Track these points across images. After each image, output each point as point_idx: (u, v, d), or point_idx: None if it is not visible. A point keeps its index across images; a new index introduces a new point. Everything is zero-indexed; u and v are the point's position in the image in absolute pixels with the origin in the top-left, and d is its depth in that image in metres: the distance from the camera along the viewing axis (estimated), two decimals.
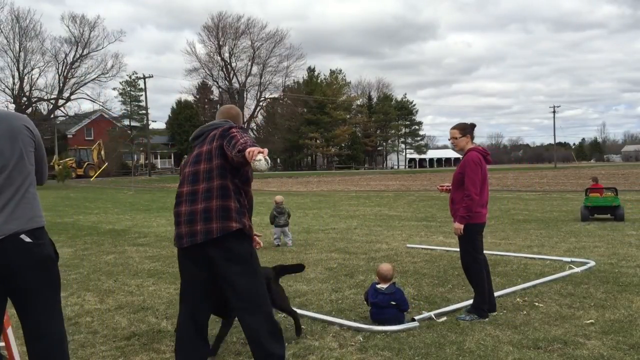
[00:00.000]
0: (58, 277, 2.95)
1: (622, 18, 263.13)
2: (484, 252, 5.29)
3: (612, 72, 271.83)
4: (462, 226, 4.99)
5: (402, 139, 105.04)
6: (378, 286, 4.99)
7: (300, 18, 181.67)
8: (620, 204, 12.57)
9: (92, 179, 49.73)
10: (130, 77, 69.31)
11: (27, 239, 2.75)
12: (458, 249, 8.63)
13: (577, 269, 6.86)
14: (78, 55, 61.33)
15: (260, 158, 2.86)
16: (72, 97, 62.51)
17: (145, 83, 61.36)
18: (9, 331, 3.51)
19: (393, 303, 4.87)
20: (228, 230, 3.34)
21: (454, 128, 5.23)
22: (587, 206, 12.61)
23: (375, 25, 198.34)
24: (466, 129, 5.21)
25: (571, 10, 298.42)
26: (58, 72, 61.41)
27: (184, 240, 3.43)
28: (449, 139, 5.34)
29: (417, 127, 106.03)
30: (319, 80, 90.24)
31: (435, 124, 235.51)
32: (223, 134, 3.41)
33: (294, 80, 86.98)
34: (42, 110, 64.45)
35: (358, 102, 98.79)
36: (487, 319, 4.94)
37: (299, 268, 5.06)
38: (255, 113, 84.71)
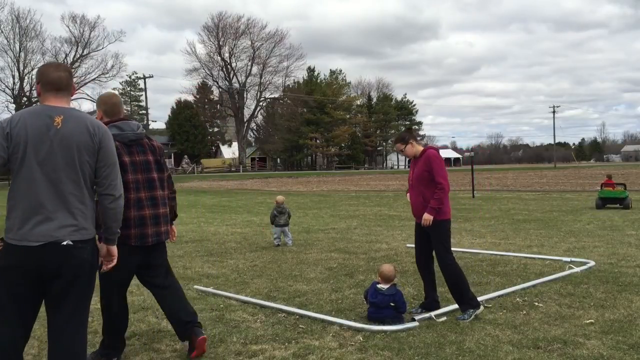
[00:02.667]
0: (91, 285, 3.10)
1: (623, 18, 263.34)
2: (484, 251, 5.29)
3: (612, 72, 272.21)
4: (431, 217, 5.00)
5: None
6: (379, 286, 4.99)
7: (301, 18, 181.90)
8: (628, 195, 15.05)
9: None
10: (130, 77, 69.34)
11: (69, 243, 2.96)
12: (458, 249, 8.67)
13: (576, 269, 6.86)
14: (78, 55, 61.40)
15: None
16: (72, 97, 62.47)
17: (145, 83, 61.43)
18: None
19: (392, 304, 4.87)
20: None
21: (395, 143, 5.42)
22: (601, 197, 15.28)
23: (376, 25, 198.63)
24: (405, 137, 5.27)
25: (572, 10, 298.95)
26: None
27: (149, 239, 4.03)
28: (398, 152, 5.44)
29: (417, 127, 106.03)
30: (319, 80, 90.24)
31: (436, 124, 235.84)
32: (162, 153, 4.28)
33: (294, 80, 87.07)
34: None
35: (358, 102, 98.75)
36: (482, 308, 4.96)
37: None
38: (255, 113, 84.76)
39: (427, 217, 5.01)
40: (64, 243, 2.88)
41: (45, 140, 2.88)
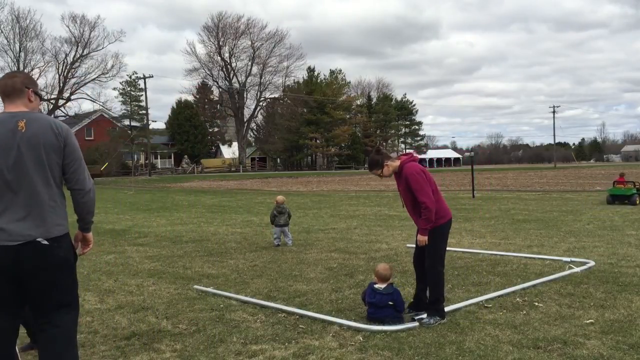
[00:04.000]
0: (73, 282, 3.26)
1: (624, 18, 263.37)
2: (484, 251, 5.29)
3: (613, 72, 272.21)
4: (425, 238, 4.97)
5: (402, 139, 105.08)
6: (376, 286, 4.99)
7: (302, 17, 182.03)
8: (635, 193, 16.09)
9: (102, 169, 49.62)
10: (130, 77, 69.26)
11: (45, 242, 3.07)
12: (458, 249, 8.68)
13: (576, 269, 6.86)
14: (78, 55, 61.34)
15: None
16: (72, 97, 62.39)
17: (145, 83, 61.44)
18: None
19: (390, 303, 4.87)
20: None
21: (370, 170, 5.23)
22: (611, 194, 16.47)
23: (377, 25, 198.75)
24: (378, 161, 5.11)
25: (573, 9, 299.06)
26: (58, 72, 61.43)
27: None
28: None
29: (417, 127, 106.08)
30: (319, 80, 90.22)
31: (436, 124, 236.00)
32: None
33: (294, 80, 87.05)
34: (42, 110, 64.40)
35: (358, 102, 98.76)
36: (445, 320, 4.90)
37: None
38: (255, 113, 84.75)
39: (422, 239, 4.99)
40: (39, 240, 3.04)
41: (13, 145, 3.03)
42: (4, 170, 3.03)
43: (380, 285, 4.98)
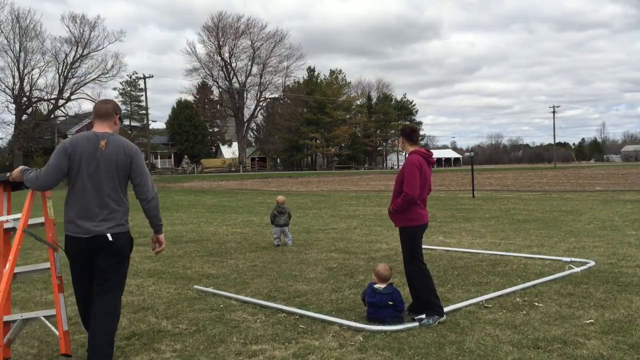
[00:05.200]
0: (125, 265, 4.11)
1: (626, 18, 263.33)
2: (484, 251, 5.28)
3: (614, 71, 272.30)
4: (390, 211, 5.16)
5: None
6: (376, 286, 4.99)
7: (303, 17, 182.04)
8: None
9: None
10: (130, 77, 69.24)
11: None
12: (458, 249, 8.68)
13: (576, 269, 6.86)
14: (78, 55, 61.33)
15: None
16: (72, 97, 62.43)
17: (145, 83, 61.39)
18: (61, 297, 4.14)
19: (390, 303, 4.87)
20: None
21: (401, 129, 5.43)
22: None
23: (378, 24, 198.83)
24: (402, 131, 5.35)
25: (574, 9, 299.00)
26: (58, 72, 61.41)
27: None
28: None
29: (417, 127, 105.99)
30: (319, 80, 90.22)
31: (436, 124, 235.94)
32: None
33: (294, 80, 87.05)
34: (42, 110, 64.46)
35: (358, 102, 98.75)
36: (444, 317, 4.91)
37: None
38: (255, 113, 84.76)
39: (389, 209, 5.20)
40: (109, 235, 3.91)
41: (94, 158, 3.92)
42: (85, 176, 3.91)
43: (380, 286, 4.98)
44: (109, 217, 3.94)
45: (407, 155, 5.23)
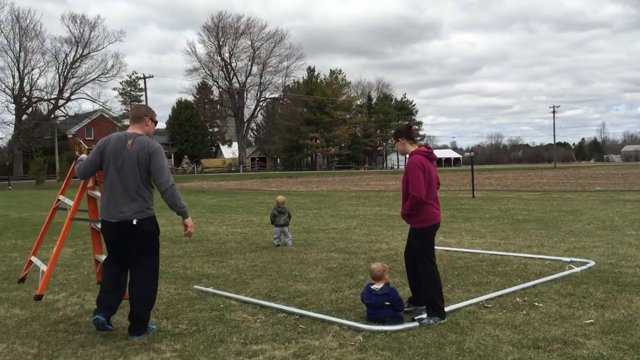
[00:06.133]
0: (154, 245, 4.81)
1: (627, 18, 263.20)
2: (484, 251, 5.28)
3: (614, 71, 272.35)
4: (405, 216, 5.16)
5: None
6: (373, 287, 4.99)
7: (303, 17, 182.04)
8: None
9: None
10: (130, 77, 69.22)
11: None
12: (458, 249, 8.68)
13: (576, 269, 6.86)
14: (78, 55, 61.38)
15: None
16: (72, 97, 62.49)
17: (145, 83, 61.41)
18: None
19: (387, 303, 4.87)
20: None
21: (394, 137, 5.32)
22: None
23: (378, 24, 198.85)
24: (397, 132, 5.28)
25: (575, 9, 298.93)
26: (58, 72, 61.45)
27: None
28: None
29: (417, 127, 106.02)
30: (319, 80, 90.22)
31: (436, 124, 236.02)
32: None
33: (294, 80, 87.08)
34: (42, 110, 64.47)
35: (358, 102, 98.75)
36: (445, 320, 4.90)
37: None
38: (255, 113, 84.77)
39: (403, 212, 5.17)
40: (134, 221, 4.61)
41: (122, 155, 4.64)
42: (113, 170, 4.65)
43: (376, 286, 4.98)
44: (133, 205, 4.63)
45: (407, 157, 5.21)
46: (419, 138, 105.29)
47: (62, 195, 5.62)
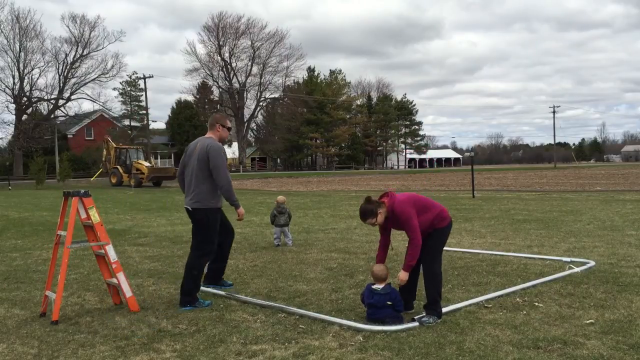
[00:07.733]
0: (205, 228, 5.87)
1: (627, 17, 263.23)
2: (484, 251, 5.28)
3: (614, 71, 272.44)
4: (407, 275, 4.99)
5: (402, 139, 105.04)
6: (374, 287, 4.99)
7: (303, 17, 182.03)
8: None
9: (92, 179, 49.67)
10: (130, 77, 69.20)
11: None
12: (458, 249, 8.67)
13: (576, 269, 6.86)
14: (78, 55, 61.39)
15: None
16: (72, 97, 62.52)
17: (145, 83, 61.41)
18: (120, 275, 5.58)
19: (389, 303, 4.87)
20: None
21: (365, 220, 4.99)
22: None
23: (379, 24, 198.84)
24: (373, 210, 4.94)
25: (576, 9, 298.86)
26: (58, 72, 61.47)
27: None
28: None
29: (417, 127, 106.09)
30: (319, 80, 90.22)
31: (436, 124, 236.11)
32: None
33: (294, 80, 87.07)
34: (42, 110, 64.50)
35: (358, 102, 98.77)
36: (440, 319, 4.92)
37: None
38: (255, 113, 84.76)
39: (403, 278, 4.98)
40: (190, 208, 5.80)
41: (193, 155, 5.80)
42: (189, 168, 5.83)
43: (378, 286, 4.98)
44: (193, 196, 5.74)
45: (393, 208, 4.96)
46: (418, 138, 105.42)
47: (60, 230, 5.72)
